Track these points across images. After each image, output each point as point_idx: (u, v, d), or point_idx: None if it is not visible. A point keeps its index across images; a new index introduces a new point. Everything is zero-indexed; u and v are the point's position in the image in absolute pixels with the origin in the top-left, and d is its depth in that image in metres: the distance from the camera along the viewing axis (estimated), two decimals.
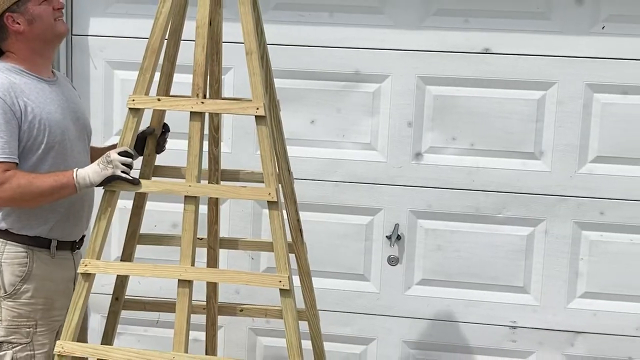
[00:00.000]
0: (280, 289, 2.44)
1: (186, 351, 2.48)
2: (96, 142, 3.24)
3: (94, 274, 2.56)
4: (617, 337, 3.32)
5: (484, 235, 3.37)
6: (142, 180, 2.54)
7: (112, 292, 2.84)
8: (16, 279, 2.57)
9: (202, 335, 3.40)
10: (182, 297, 2.48)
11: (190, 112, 2.50)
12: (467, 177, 3.34)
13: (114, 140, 3.47)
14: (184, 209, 2.50)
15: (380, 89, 3.36)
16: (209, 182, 2.79)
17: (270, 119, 2.55)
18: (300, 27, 3.35)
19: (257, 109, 2.45)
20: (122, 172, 2.48)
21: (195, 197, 2.50)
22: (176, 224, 3.49)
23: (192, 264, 2.49)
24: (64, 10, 2.70)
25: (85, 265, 2.53)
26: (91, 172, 2.50)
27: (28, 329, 2.60)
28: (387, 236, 3.41)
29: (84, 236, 2.80)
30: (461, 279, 3.41)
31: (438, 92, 3.32)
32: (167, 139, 2.78)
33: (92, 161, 2.85)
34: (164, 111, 2.71)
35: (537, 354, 3.39)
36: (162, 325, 3.54)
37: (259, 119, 2.46)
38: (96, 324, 3.64)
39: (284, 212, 2.65)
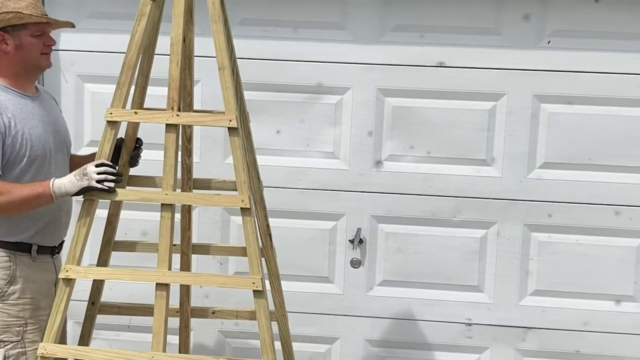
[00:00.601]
0: (254, 290, 2.59)
1: (164, 351, 2.61)
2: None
3: (75, 279, 2.68)
4: (565, 332, 3.53)
5: (441, 238, 3.56)
6: (119, 190, 2.67)
7: (88, 298, 2.96)
8: (2, 282, 2.67)
9: (174, 339, 3.54)
10: (159, 300, 2.61)
11: (166, 124, 2.64)
12: (424, 183, 3.53)
13: (86, 150, 3.59)
14: (161, 216, 2.63)
15: (342, 100, 3.53)
16: (182, 191, 2.92)
17: (241, 130, 2.70)
18: (265, 42, 3.50)
19: (230, 121, 2.60)
20: (97, 181, 2.60)
21: (172, 204, 2.63)
22: (146, 231, 3.61)
23: (169, 268, 2.62)
24: (53, 47, 2.80)
25: (67, 270, 2.65)
26: (67, 182, 2.62)
27: (18, 328, 2.70)
28: (350, 240, 3.58)
29: (63, 241, 2.91)
30: (420, 280, 3.59)
31: (396, 103, 3.51)
32: (141, 154, 2.91)
33: (72, 168, 2.96)
34: (137, 125, 2.84)
35: (491, 349, 3.58)
36: (133, 329, 3.65)
37: (231, 130, 2.61)
38: (69, 329, 3.72)
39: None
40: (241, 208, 2.61)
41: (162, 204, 2.63)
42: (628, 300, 3.50)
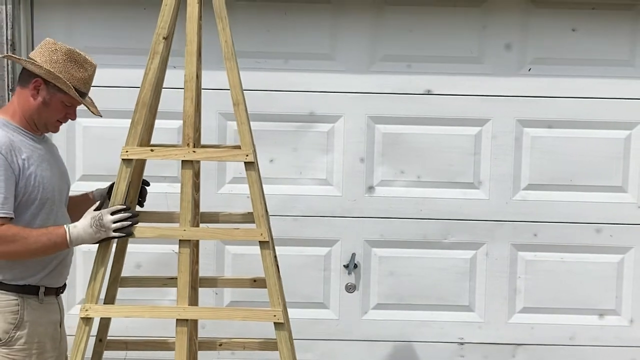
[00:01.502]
0: (275, 323, 2.63)
1: None
2: None
3: (93, 318, 2.67)
4: (553, 346, 3.68)
5: (432, 260, 3.67)
6: (138, 227, 2.67)
7: (96, 334, 2.95)
8: (9, 327, 2.62)
9: None
10: (180, 335, 2.62)
11: (182, 160, 2.66)
12: (416, 207, 3.64)
13: (78, 185, 3.56)
14: (179, 252, 2.65)
15: (334, 128, 3.61)
16: (190, 226, 2.94)
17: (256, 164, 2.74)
18: (257, 73, 3.56)
19: (247, 155, 2.64)
20: (115, 231, 2.60)
21: (190, 240, 2.65)
22: (139, 264, 3.61)
23: (190, 304, 2.64)
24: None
25: (86, 310, 2.63)
26: (83, 233, 2.59)
27: None
28: (344, 265, 3.65)
29: (65, 283, 2.88)
30: (413, 301, 3.68)
31: (386, 130, 3.61)
32: (146, 196, 2.91)
33: (69, 208, 2.94)
34: (144, 165, 2.85)
35: None
36: None
37: (248, 164, 2.66)
38: None
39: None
40: (260, 242, 2.65)
41: (180, 240, 2.65)
42: (611, 313, 3.68)
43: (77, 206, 2.86)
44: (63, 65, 2.63)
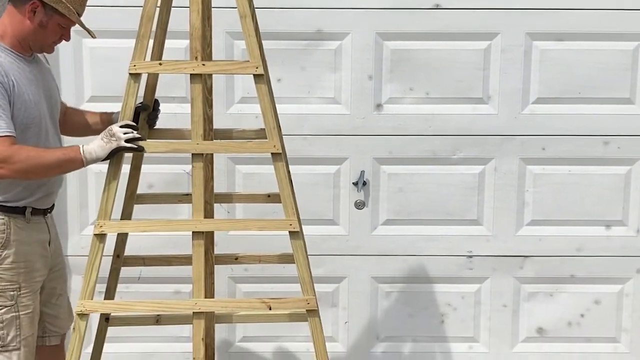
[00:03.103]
0: (290, 232, 2.68)
1: (208, 297, 2.68)
2: None
3: (106, 235, 2.70)
4: (560, 258, 3.74)
5: (441, 176, 3.69)
6: (150, 142, 2.69)
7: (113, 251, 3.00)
8: None
9: (185, 287, 3.61)
10: (197, 248, 2.67)
11: (191, 74, 2.66)
12: (424, 124, 3.65)
13: (87, 106, 3.56)
14: (193, 166, 2.67)
15: (342, 46, 3.59)
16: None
17: (266, 77, 2.74)
18: None
19: (257, 68, 2.64)
20: (126, 141, 2.62)
21: (202, 154, 2.68)
22: (151, 184, 3.64)
23: (205, 217, 2.68)
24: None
25: (101, 226, 2.67)
26: (96, 147, 2.62)
27: (12, 292, 2.68)
28: (353, 183, 3.68)
29: (54, 204, 2.90)
30: (421, 217, 3.73)
31: (395, 47, 3.59)
32: (159, 116, 2.91)
33: (76, 127, 2.96)
34: (155, 86, 2.85)
35: (491, 278, 3.77)
36: (143, 281, 3.69)
37: (257, 77, 2.66)
38: (76, 285, 3.75)
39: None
40: (272, 154, 2.67)
41: (193, 154, 2.67)
42: (617, 224, 3.72)
43: (97, 125, 2.89)
44: None
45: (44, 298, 2.87)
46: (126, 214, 2.97)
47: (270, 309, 2.72)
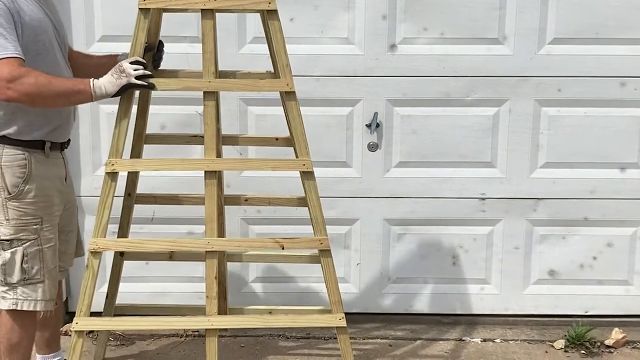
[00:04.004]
0: (303, 172, 2.67)
1: (218, 236, 2.69)
2: (78, 48, 3.31)
3: (118, 173, 2.71)
4: (574, 200, 3.72)
5: (455, 118, 3.66)
6: (161, 79, 2.67)
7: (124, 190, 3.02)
8: (18, 181, 2.67)
9: (198, 228, 3.63)
10: (210, 187, 2.67)
11: (202, 10, 2.62)
12: (438, 65, 3.60)
13: (98, 45, 3.54)
14: (204, 105, 2.66)
15: None
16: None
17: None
18: None
19: (269, 3, 2.60)
20: (136, 78, 2.61)
21: (214, 92, 2.66)
22: (163, 125, 3.63)
23: (217, 156, 2.68)
24: None
25: (112, 164, 2.67)
26: (106, 82, 2.61)
27: (35, 226, 2.71)
28: (366, 125, 3.65)
29: (69, 139, 2.90)
30: (434, 159, 3.70)
31: None
32: (163, 57, 2.89)
33: (84, 70, 2.93)
34: (159, 27, 2.81)
35: (504, 221, 3.76)
36: (156, 222, 3.71)
37: (270, 13, 2.62)
38: (89, 225, 3.78)
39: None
40: (286, 92, 2.65)
41: (204, 92, 2.65)
42: (632, 167, 3.69)
43: (102, 67, 2.85)
44: None
45: None
46: (135, 154, 2.99)
47: (283, 248, 2.73)
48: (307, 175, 2.67)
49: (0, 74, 2.48)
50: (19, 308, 2.72)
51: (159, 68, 2.87)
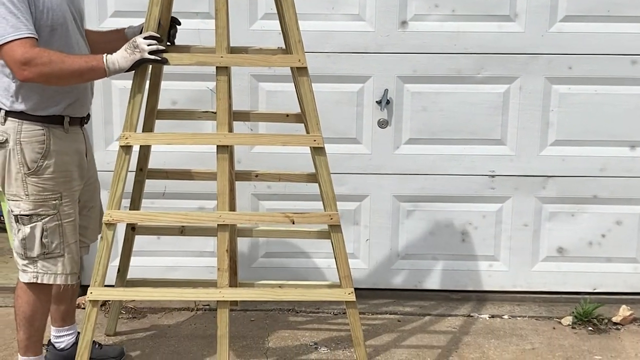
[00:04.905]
0: (314, 147, 2.69)
1: (230, 210, 2.72)
2: (90, 24, 3.32)
3: (132, 147, 2.73)
4: (583, 178, 3.73)
5: (465, 95, 3.67)
6: (174, 54, 2.69)
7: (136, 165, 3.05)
8: (37, 156, 2.68)
9: (209, 204, 3.66)
10: (221, 162, 2.69)
11: None
12: (449, 42, 3.60)
13: (111, 21, 3.56)
14: (217, 80, 2.68)
15: None
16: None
17: None
18: None
19: None
20: (149, 53, 2.62)
21: (227, 67, 2.67)
22: (175, 101, 3.65)
23: (229, 131, 2.70)
24: None
25: (126, 138, 2.70)
26: (120, 57, 2.62)
27: (54, 201, 2.72)
28: (377, 101, 3.66)
29: (89, 113, 2.92)
30: (444, 136, 3.72)
31: None
32: (176, 35, 2.91)
33: (97, 46, 2.94)
34: (172, 2, 2.82)
35: (513, 198, 3.77)
36: (168, 196, 3.74)
37: None
38: (103, 200, 3.81)
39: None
40: (297, 68, 2.66)
41: (217, 67, 2.67)
42: None
43: (110, 43, 2.86)
44: None
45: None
46: (147, 129, 3.01)
47: (293, 222, 2.76)
48: (317, 151, 2.68)
49: (15, 56, 2.50)
50: (39, 281, 2.76)
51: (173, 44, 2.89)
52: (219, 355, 2.68)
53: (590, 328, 3.54)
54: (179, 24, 2.92)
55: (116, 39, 2.89)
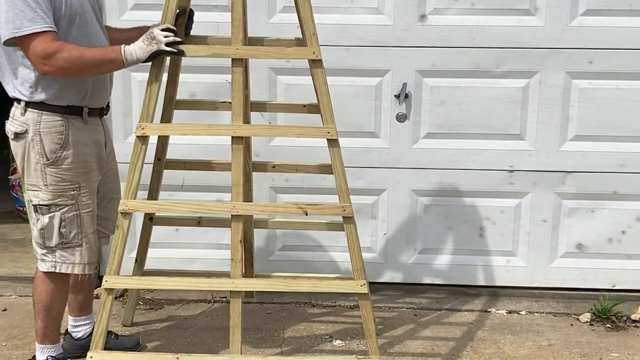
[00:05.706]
0: (329, 139, 2.69)
1: (244, 201, 2.73)
2: (110, 17, 3.35)
3: (149, 137, 2.75)
4: (603, 174, 3.69)
5: (484, 89, 3.65)
6: (191, 46, 2.70)
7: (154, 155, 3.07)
8: (56, 147, 2.70)
9: (226, 196, 3.67)
10: (236, 153, 2.70)
11: None
12: (469, 36, 3.58)
13: (130, 14, 3.59)
14: (232, 71, 2.69)
15: None
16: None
17: None
18: None
19: None
20: (167, 45, 2.64)
21: (242, 59, 2.68)
22: (193, 93, 3.67)
23: (244, 122, 2.71)
24: None
25: (143, 128, 2.72)
26: (137, 48, 2.65)
27: (73, 192, 2.75)
28: (395, 95, 3.66)
29: (109, 104, 2.94)
30: (463, 131, 3.70)
31: None
32: (192, 26, 2.92)
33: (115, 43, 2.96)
34: None
35: (532, 193, 3.75)
36: (186, 189, 3.77)
37: None
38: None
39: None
40: (312, 60, 2.67)
41: (232, 59, 2.68)
42: None
43: (132, 39, 2.89)
44: None
45: (97, 201, 2.95)
46: (165, 119, 3.04)
47: (306, 214, 2.76)
48: (332, 143, 2.69)
49: (36, 50, 2.54)
50: (57, 271, 2.79)
51: (189, 35, 2.91)
52: (231, 345, 2.70)
53: (608, 325, 3.51)
54: (194, 14, 2.93)
55: (138, 35, 2.91)
